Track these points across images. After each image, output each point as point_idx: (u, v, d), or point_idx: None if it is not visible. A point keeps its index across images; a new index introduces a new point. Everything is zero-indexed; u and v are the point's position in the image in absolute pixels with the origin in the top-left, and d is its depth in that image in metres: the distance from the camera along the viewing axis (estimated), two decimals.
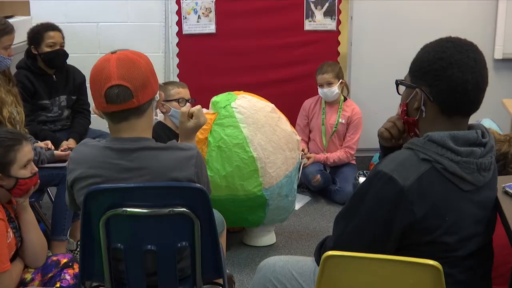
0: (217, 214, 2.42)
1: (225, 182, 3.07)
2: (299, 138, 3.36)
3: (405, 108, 1.73)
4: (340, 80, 4.21)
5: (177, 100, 3.37)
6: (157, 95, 1.96)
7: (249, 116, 3.12)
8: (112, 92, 1.80)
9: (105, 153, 1.89)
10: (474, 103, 1.63)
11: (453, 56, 1.59)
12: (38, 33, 3.46)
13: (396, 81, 1.76)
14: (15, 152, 2.27)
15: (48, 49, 3.46)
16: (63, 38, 3.55)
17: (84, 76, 3.72)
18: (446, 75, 1.59)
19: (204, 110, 3.04)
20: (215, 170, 3.06)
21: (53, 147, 3.19)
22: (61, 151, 3.15)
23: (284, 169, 3.19)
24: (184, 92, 3.43)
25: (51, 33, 3.47)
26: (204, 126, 2.71)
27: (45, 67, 3.53)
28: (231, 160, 3.06)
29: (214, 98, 3.26)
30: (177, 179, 1.88)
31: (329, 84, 4.17)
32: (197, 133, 2.64)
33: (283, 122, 3.27)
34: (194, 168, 1.90)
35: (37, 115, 3.52)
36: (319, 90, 4.21)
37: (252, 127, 3.10)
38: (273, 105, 3.27)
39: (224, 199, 3.09)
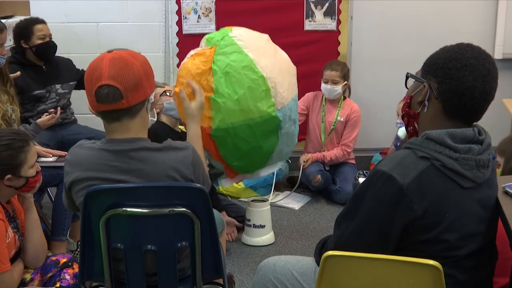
0: (216, 214, 2.42)
1: (238, 106, 2.95)
2: (294, 67, 3.30)
3: (408, 101, 1.73)
4: (345, 82, 4.23)
5: (165, 92, 3.43)
6: (152, 96, 1.96)
7: (250, 42, 3.03)
8: (102, 91, 1.80)
9: (101, 155, 1.89)
10: (477, 110, 1.64)
11: (468, 60, 1.60)
12: (26, 28, 3.52)
13: (407, 74, 1.77)
14: (25, 153, 2.29)
15: (40, 41, 3.52)
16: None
17: (70, 60, 3.84)
18: (457, 76, 1.60)
19: (199, 48, 3.02)
20: (227, 95, 2.94)
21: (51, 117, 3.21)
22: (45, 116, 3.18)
23: (291, 92, 3.11)
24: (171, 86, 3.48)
25: (40, 26, 3.54)
26: (205, 59, 2.73)
27: (35, 60, 3.55)
28: (242, 82, 2.96)
29: (207, 36, 3.15)
30: (175, 178, 1.88)
31: (334, 82, 4.17)
32: (200, 65, 2.68)
33: (280, 49, 3.22)
34: (191, 167, 1.91)
35: (35, 106, 3.54)
36: (323, 85, 4.21)
37: (255, 52, 3.00)
38: (267, 35, 3.18)
39: (239, 127, 2.97)
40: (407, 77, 1.77)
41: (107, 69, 1.80)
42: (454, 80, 1.60)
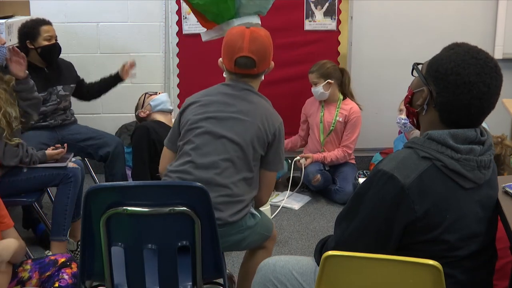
0: (265, 216, 2.44)
1: None
2: None
3: (410, 96, 1.73)
4: (327, 80, 4.17)
5: (147, 94, 3.77)
6: (271, 65, 2.42)
7: None
8: (242, 60, 2.32)
9: (221, 86, 2.43)
10: (473, 123, 1.63)
11: (469, 76, 1.56)
12: (34, 28, 3.51)
13: (414, 64, 1.72)
14: None
15: (46, 43, 3.52)
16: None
17: (71, 63, 3.82)
18: (455, 92, 1.57)
19: None
20: None
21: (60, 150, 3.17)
22: (53, 149, 3.14)
23: None
24: None
25: (46, 27, 3.54)
26: None
27: (37, 61, 3.54)
28: None
29: None
30: (267, 120, 2.32)
31: (314, 83, 4.19)
32: None
33: None
34: (277, 131, 2.34)
35: None
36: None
37: None
38: None
39: None
40: (413, 68, 1.74)
41: (248, 44, 2.29)
42: (451, 95, 1.58)
